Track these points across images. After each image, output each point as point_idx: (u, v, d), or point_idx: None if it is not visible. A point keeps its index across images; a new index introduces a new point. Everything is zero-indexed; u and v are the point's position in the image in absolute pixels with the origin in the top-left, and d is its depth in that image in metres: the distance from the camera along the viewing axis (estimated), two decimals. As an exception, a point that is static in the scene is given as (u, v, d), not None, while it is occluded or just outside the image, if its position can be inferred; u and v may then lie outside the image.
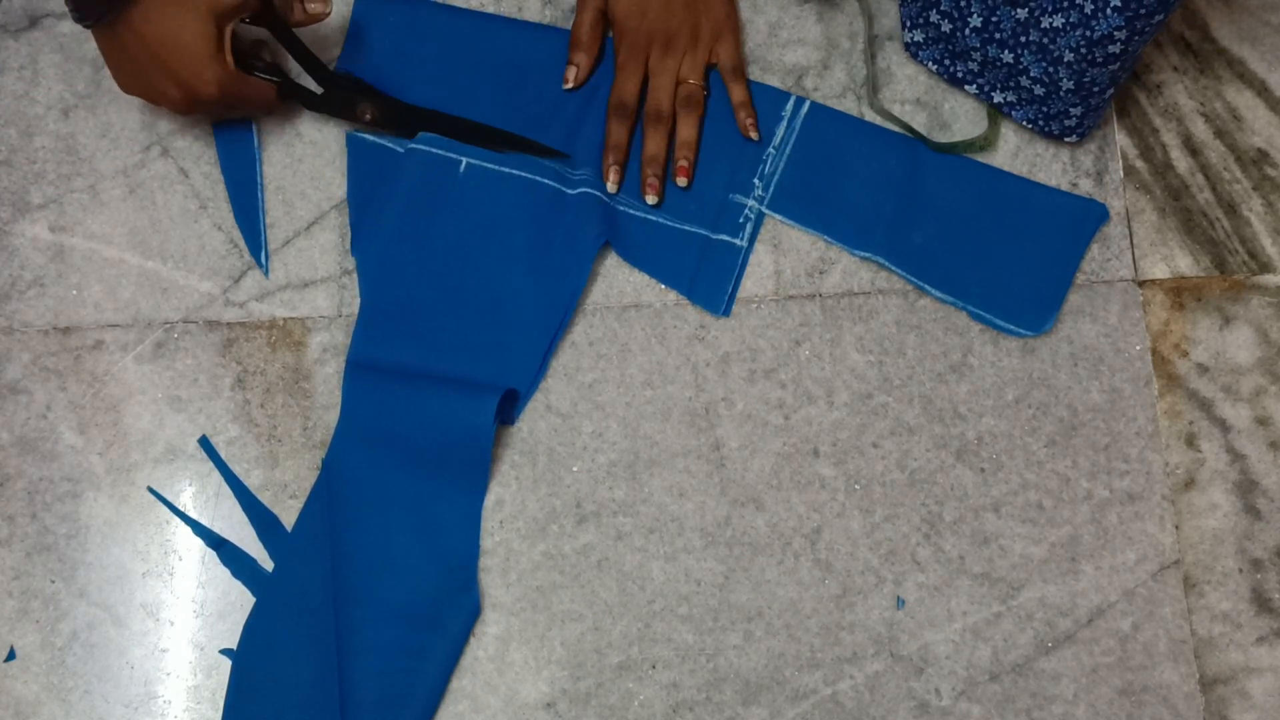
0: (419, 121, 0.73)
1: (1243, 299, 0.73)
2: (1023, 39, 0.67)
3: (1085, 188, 0.74)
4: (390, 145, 0.73)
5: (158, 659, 0.69)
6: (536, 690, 0.68)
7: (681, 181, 0.72)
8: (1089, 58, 0.65)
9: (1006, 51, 0.69)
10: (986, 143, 0.74)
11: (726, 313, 0.72)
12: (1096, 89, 0.68)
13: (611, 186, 0.72)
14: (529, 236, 0.72)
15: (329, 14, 0.70)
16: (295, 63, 0.72)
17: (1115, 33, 0.63)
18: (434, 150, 0.73)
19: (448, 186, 0.73)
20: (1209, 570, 0.69)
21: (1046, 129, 0.72)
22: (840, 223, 0.73)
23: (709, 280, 0.72)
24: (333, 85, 0.73)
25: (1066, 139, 0.73)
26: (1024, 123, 0.73)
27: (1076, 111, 0.70)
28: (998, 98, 0.72)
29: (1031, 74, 0.69)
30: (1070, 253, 0.73)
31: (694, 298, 0.72)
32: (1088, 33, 0.64)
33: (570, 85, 0.74)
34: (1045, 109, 0.71)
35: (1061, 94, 0.69)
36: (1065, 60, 0.66)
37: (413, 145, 0.73)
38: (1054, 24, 0.65)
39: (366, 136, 0.74)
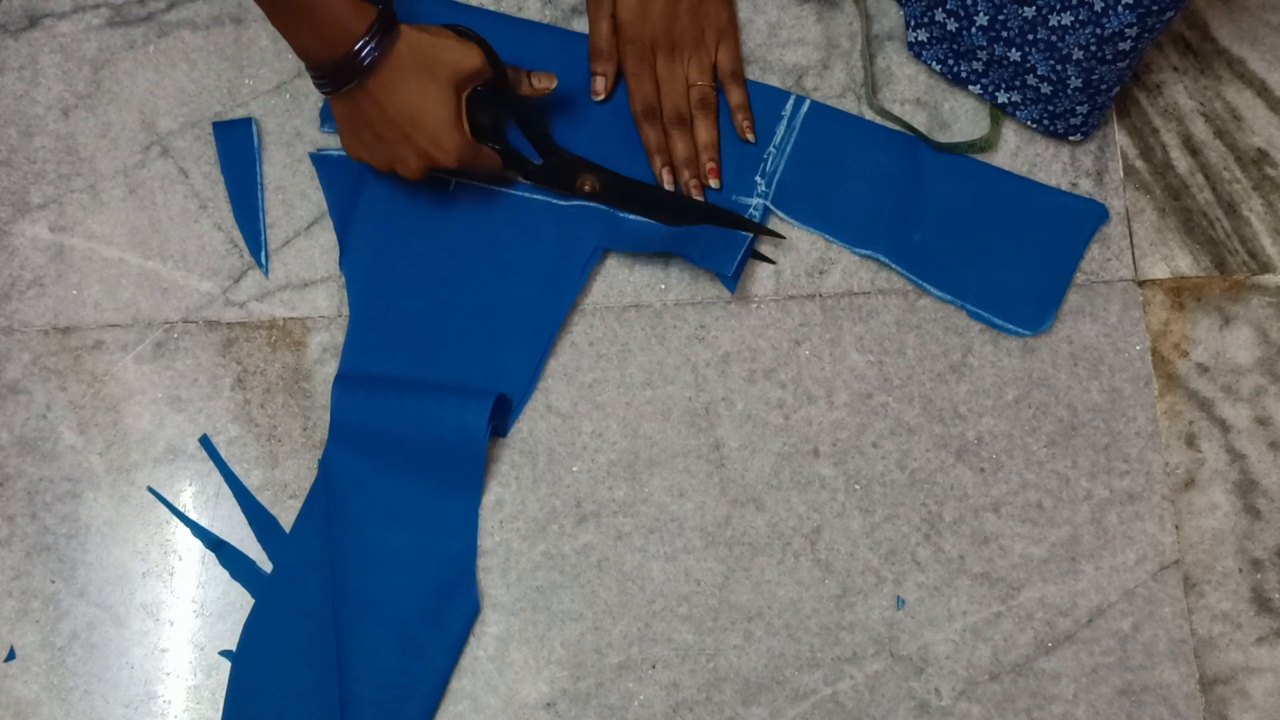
0: (638, 195, 0.73)
1: (1243, 299, 0.73)
2: (1030, 36, 0.67)
3: (1085, 188, 0.74)
4: None
5: (158, 659, 0.69)
6: (536, 690, 0.68)
7: (714, 183, 0.73)
8: (1099, 55, 0.65)
9: (1014, 50, 0.69)
10: (987, 144, 0.74)
11: (735, 278, 0.71)
12: (1104, 86, 0.68)
13: (669, 185, 0.73)
14: (519, 249, 0.73)
15: (554, 88, 0.70)
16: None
17: (1126, 30, 0.63)
18: None
19: (437, 204, 0.73)
20: (1209, 570, 0.69)
21: (1051, 128, 0.72)
22: (841, 221, 0.73)
23: (719, 249, 0.70)
24: (554, 156, 0.73)
25: (1071, 138, 0.73)
26: (1029, 123, 0.73)
27: (1082, 110, 0.70)
28: (1002, 98, 0.72)
29: (1039, 72, 0.69)
30: (1069, 253, 0.73)
31: (705, 263, 0.70)
32: (1098, 30, 0.64)
33: (601, 96, 0.74)
34: (1051, 108, 0.71)
35: (1069, 92, 0.69)
36: (1074, 58, 0.66)
37: None
38: (1063, 21, 0.65)
39: (331, 153, 0.74)
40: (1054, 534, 0.70)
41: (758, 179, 0.73)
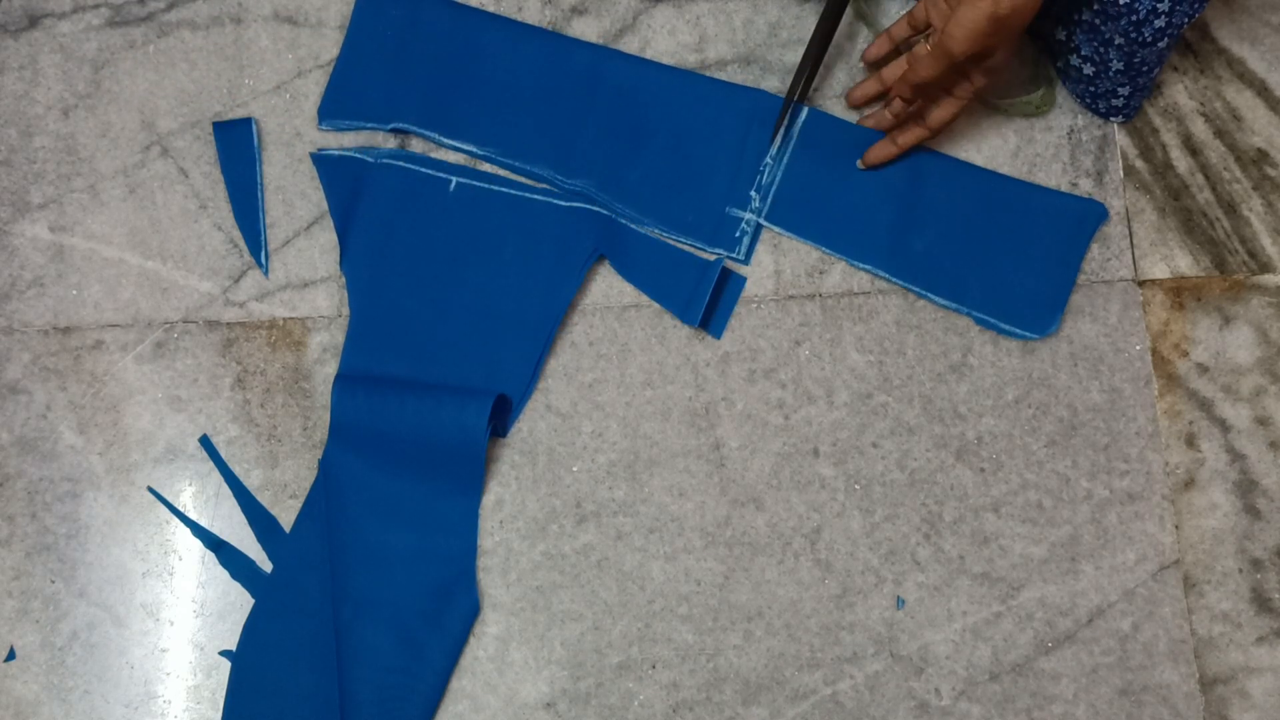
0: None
1: (1243, 299, 0.73)
2: (1075, 17, 0.69)
3: (1085, 188, 0.74)
4: (359, 156, 0.74)
5: (158, 659, 0.69)
6: (536, 690, 0.68)
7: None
8: (1138, 38, 0.66)
9: (1060, 29, 0.70)
10: (1044, 104, 0.74)
11: (718, 334, 0.72)
12: (1145, 68, 0.70)
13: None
14: (518, 250, 0.73)
15: None
16: None
17: (1159, 4, 0.65)
18: (423, 170, 0.73)
19: (438, 204, 0.73)
20: (1209, 570, 0.69)
21: (1094, 107, 0.74)
22: (839, 233, 0.73)
23: (702, 302, 0.71)
24: None
25: (1113, 119, 0.74)
26: (1074, 97, 0.74)
27: (1124, 92, 0.71)
28: (1058, 63, 0.74)
29: (1082, 52, 0.70)
30: (1072, 254, 0.73)
31: (686, 319, 0.72)
32: (1134, 16, 0.66)
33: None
34: (1092, 88, 0.72)
35: (1110, 74, 0.70)
36: (1116, 43, 0.67)
37: (391, 161, 0.74)
38: (1105, 8, 0.67)
39: (332, 152, 0.74)
40: (1054, 534, 0.70)
41: (752, 193, 0.73)
